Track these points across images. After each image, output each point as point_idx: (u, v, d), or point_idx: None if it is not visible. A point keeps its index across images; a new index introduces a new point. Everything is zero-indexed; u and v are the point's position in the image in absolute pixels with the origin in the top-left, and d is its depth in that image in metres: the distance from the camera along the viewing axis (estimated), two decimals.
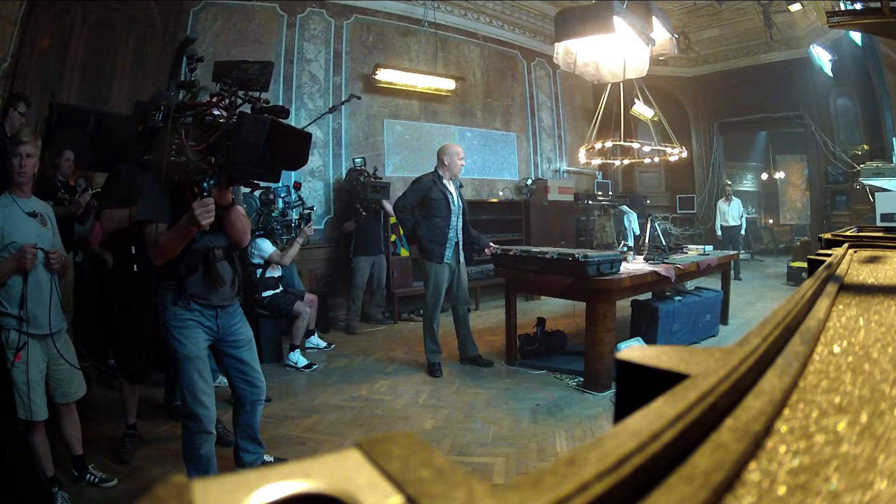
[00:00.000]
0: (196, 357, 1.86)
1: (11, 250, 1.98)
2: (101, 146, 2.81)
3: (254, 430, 2.15)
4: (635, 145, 5.09)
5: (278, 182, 1.82)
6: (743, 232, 7.92)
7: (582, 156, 5.36)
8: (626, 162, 6.70)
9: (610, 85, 4.76)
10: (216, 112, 1.64)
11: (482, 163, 6.94)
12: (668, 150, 5.32)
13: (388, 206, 5.08)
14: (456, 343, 3.90)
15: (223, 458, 2.36)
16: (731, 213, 7.69)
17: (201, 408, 1.86)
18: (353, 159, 5.34)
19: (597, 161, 5.74)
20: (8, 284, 1.98)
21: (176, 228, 1.73)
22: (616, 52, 4.16)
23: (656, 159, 6.36)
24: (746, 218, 8.32)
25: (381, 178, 5.32)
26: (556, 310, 5.16)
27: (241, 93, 1.66)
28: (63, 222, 2.48)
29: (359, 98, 5.44)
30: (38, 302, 2.03)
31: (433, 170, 3.71)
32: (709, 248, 4.91)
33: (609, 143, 5.07)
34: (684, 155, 5.56)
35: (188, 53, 1.75)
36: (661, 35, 4.40)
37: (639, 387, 0.30)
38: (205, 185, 1.64)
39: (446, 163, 3.64)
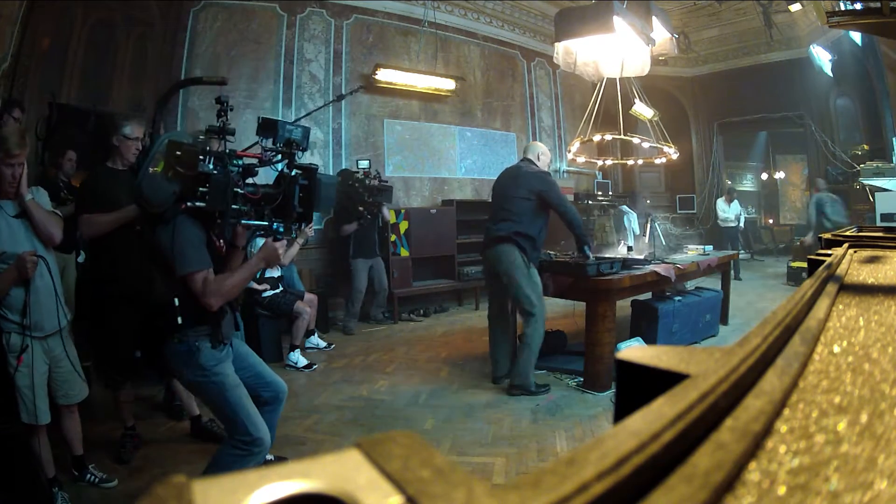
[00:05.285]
0: (241, 385, 1.86)
1: (6, 260, 1.94)
2: (101, 146, 2.80)
3: (271, 428, 2.15)
4: (635, 140, 5.08)
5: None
6: (742, 226, 7.93)
7: (575, 148, 5.31)
8: (610, 162, 6.71)
9: (605, 80, 4.74)
10: (283, 168, 1.82)
11: (482, 163, 6.94)
12: (665, 148, 5.31)
13: (386, 211, 5.08)
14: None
15: None
16: (731, 212, 7.72)
17: (264, 432, 1.84)
18: (357, 161, 5.30)
19: (581, 159, 5.71)
20: (9, 293, 1.95)
21: (247, 270, 1.84)
22: (616, 52, 4.16)
23: (640, 161, 6.37)
24: (746, 218, 8.33)
25: (386, 181, 5.32)
26: (556, 310, 5.16)
27: (283, 148, 1.83)
28: (66, 222, 2.46)
29: (364, 88, 5.45)
30: (39, 307, 2.01)
31: (536, 166, 3.38)
32: (709, 248, 4.92)
33: (609, 137, 5.05)
34: (674, 156, 5.54)
35: (222, 99, 1.80)
36: (661, 35, 4.40)
37: (639, 387, 0.30)
38: (276, 227, 1.81)
39: (542, 159, 3.41)
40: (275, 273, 4.03)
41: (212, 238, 1.82)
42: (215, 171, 1.67)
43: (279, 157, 1.83)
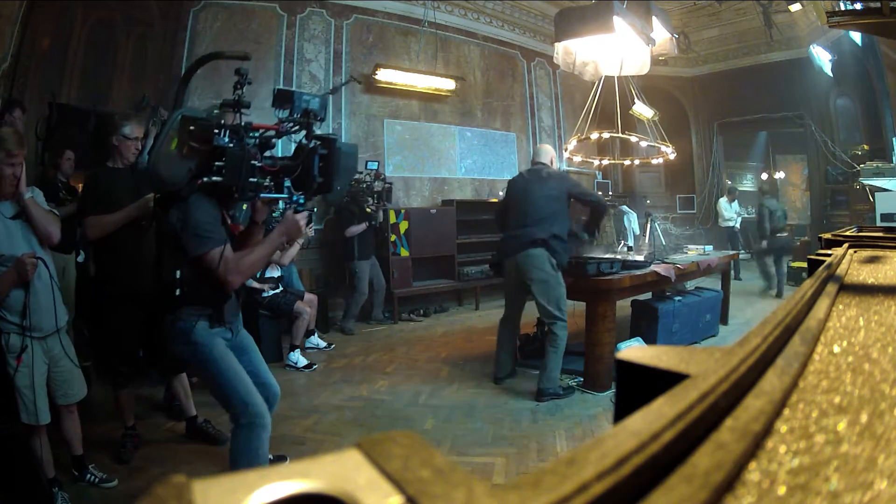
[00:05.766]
0: (230, 355, 1.82)
1: (5, 262, 1.92)
2: (101, 146, 2.81)
3: None
4: (633, 139, 5.08)
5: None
6: (737, 226, 7.95)
7: (572, 146, 5.30)
8: (607, 161, 6.71)
9: (604, 79, 4.73)
10: (301, 140, 1.74)
11: (482, 163, 6.94)
12: (663, 147, 5.32)
13: (381, 212, 5.11)
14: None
15: (219, 457, 2.36)
16: (733, 211, 7.74)
17: (258, 402, 1.81)
18: (367, 163, 5.27)
19: (579, 157, 5.71)
20: (8, 294, 1.93)
21: (267, 245, 1.76)
22: (616, 52, 4.16)
23: (637, 161, 6.37)
24: (745, 218, 8.35)
25: (390, 183, 5.31)
26: None
27: (300, 119, 1.76)
28: (67, 222, 2.46)
29: (359, 82, 5.45)
30: (38, 307, 2.00)
31: (555, 168, 3.37)
32: (709, 248, 4.92)
33: (606, 135, 5.04)
34: (672, 156, 5.55)
35: (242, 71, 1.73)
36: (661, 35, 4.40)
37: (639, 387, 0.30)
38: (296, 198, 1.73)
39: (553, 162, 3.42)
40: (275, 273, 4.03)
41: (226, 217, 1.77)
42: (231, 145, 1.60)
43: (296, 127, 1.78)
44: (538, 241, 3.09)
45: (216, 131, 1.58)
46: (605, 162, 6.60)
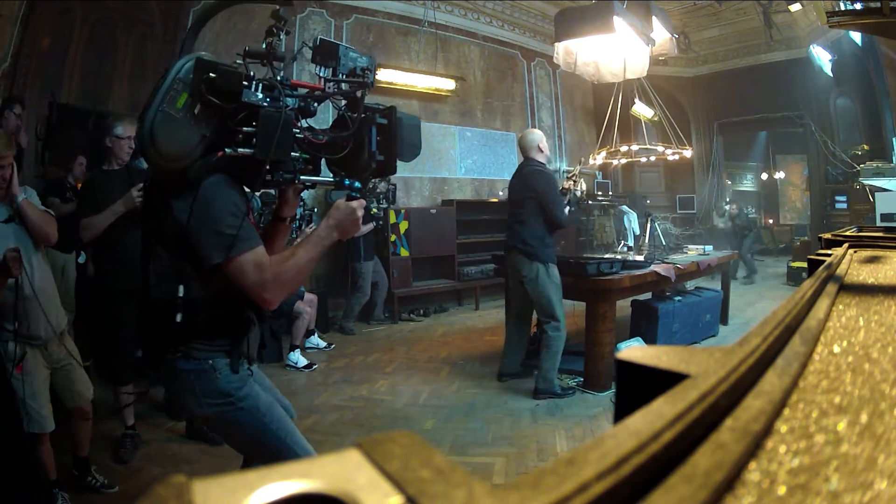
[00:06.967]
0: (276, 407, 1.37)
1: None
2: (100, 146, 2.81)
3: None
4: (659, 148, 5.11)
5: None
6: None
7: (601, 157, 5.33)
8: (624, 161, 6.73)
9: (620, 86, 4.75)
10: (344, 109, 1.34)
11: (482, 163, 6.94)
12: (682, 151, 5.35)
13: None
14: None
15: (219, 458, 2.36)
16: (726, 219, 7.79)
17: None
18: None
19: (598, 161, 5.74)
20: (5, 300, 1.88)
21: (313, 245, 1.26)
22: (616, 52, 4.17)
23: (653, 158, 6.38)
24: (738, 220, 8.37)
25: (395, 184, 5.32)
26: None
27: (352, 80, 1.34)
28: (68, 221, 2.45)
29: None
30: (36, 312, 1.95)
31: (537, 161, 3.23)
32: (709, 248, 4.92)
33: (635, 147, 5.07)
34: (688, 155, 5.57)
35: (281, 15, 1.30)
36: (661, 35, 4.40)
37: (639, 387, 0.30)
38: (349, 182, 1.33)
39: (542, 148, 3.26)
40: None
41: (251, 208, 1.33)
42: (265, 104, 1.18)
43: (344, 89, 1.36)
44: (520, 249, 3.15)
45: (245, 83, 1.16)
46: (623, 161, 6.60)
